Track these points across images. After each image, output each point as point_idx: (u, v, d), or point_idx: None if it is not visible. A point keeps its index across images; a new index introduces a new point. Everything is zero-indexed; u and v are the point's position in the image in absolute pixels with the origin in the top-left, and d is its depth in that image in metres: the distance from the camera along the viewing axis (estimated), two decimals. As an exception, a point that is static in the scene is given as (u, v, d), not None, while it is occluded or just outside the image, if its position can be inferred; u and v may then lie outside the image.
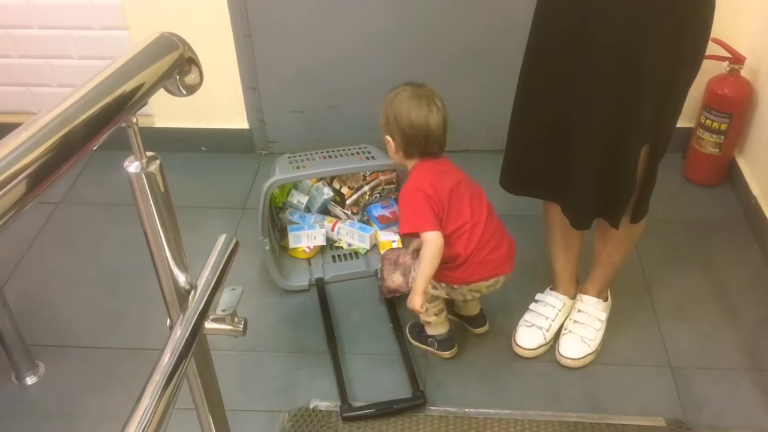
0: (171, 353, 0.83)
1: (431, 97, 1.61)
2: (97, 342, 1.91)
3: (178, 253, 0.85)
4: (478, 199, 1.67)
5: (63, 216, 2.36)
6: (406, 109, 1.60)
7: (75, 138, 0.62)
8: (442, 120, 1.61)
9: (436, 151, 1.66)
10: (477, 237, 1.63)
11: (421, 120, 1.59)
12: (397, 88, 1.66)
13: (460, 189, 1.64)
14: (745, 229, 2.21)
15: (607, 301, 1.87)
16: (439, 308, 1.78)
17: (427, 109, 1.60)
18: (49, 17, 2.37)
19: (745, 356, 1.81)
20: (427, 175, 1.64)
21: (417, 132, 1.60)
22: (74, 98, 0.66)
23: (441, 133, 1.62)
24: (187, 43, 0.85)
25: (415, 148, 1.64)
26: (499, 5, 2.26)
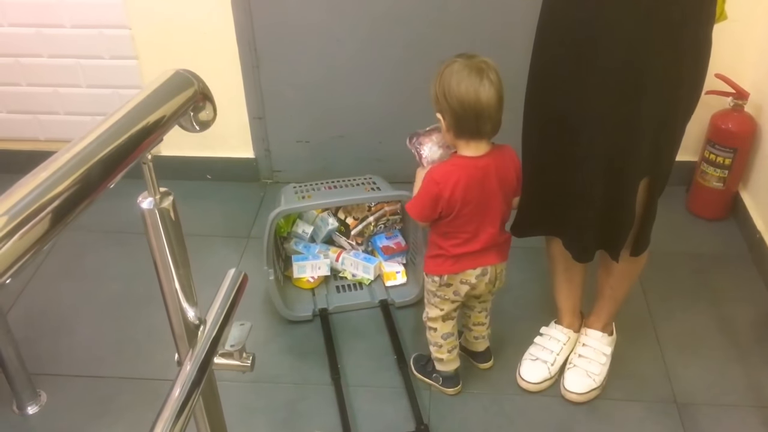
0: (180, 389, 0.82)
1: (484, 69, 1.45)
2: (99, 371, 1.90)
3: (188, 288, 0.86)
4: (503, 202, 1.59)
5: (68, 243, 2.36)
6: (456, 83, 1.45)
7: (93, 177, 0.63)
8: (495, 95, 1.45)
9: (489, 132, 1.50)
10: (475, 241, 1.60)
11: (471, 95, 1.44)
12: (449, 59, 1.49)
13: (489, 204, 1.56)
14: (749, 264, 2.21)
15: (612, 335, 1.86)
16: (453, 345, 1.77)
17: (478, 83, 1.43)
18: (58, 46, 2.39)
19: (751, 392, 1.80)
20: (461, 175, 1.52)
21: (467, 109, 1.45)
22: (92, 137, 0.67)
23: (494, 110, 1.46)
24: (201, 80, 0.86)
25: (465, 128, 1.49)
26: (503, 39, 2.29)
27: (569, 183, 1.55)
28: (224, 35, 2.34)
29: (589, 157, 1.49)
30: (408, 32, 2.31)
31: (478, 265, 1.63)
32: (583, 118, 1.47)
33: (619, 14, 1.36)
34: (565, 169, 1.54)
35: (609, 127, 1.45)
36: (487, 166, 1.54)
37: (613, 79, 1.41)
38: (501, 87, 1.46)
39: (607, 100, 1.43)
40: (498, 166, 1.55)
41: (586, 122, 1.47)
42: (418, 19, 2.28)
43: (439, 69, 1.50)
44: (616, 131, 1.45)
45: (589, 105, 1.45)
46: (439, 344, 1.76)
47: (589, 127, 1.47)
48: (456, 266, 1.63)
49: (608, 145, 1.47)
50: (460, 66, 1.46)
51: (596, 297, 1.83)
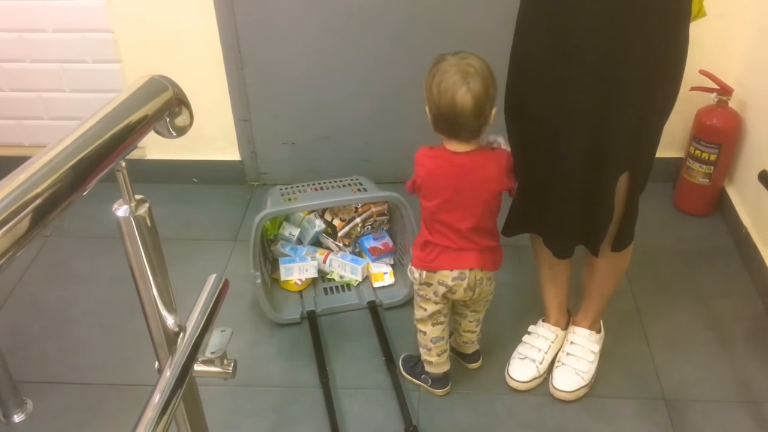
0: (160, 397, 0.82)
1: (468, 74, 1.40)
2: (86, 378, 1.89)
3: (166, 295, 0.85)
4: (477, 206, 1.57)
5: (53, 249, 2.34)
6: (437, 83, 1.42)
7: (64, 186, 0.62)
8: (471, 102, 1.40)
9: (465, 136, 1.48)
10: (449, 233, 1.59)
11: (448, 100, 1.41)
12: (445, 55, 1.46)
13: (454, 197, 1.54)
14: (736, 259, 2.22)
15: (599, 333, 1.87)
16: (443, 349, 1.76)
17: (457, 89, 1.40)
18: (41, 51, 2.38)
19: (738, 387, 1.81)
20: (433, 163, 1.53)
21: (443, 112, 1.44)
22: (63, 145, 0.66)
23: (468, 118, 1.42)
24: (177, 85, 0.85)
25: (441, 127, 1.49)
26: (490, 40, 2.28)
27: (549, 177, 1.55)
28: (208, 38, 2.33)
29: (567, 152, 1.49)
30: (393, 32, 2.31)
31: (455, 267, 1.61)
32: (561, 111, 1.47)
33: (594, 7, 1.36)
34: (544, 164, 1.55)
35: (586, 122, 1.45)
36: (463, 165, 1.52)
37: (590, 72, 1.41)
38: (482, 94, 1.41)
39: (584, 94, 1.43)
40: (476, 167, 1.53)
41: (564, 116, 1.47)
42: (402, 18, 2.28)
43: (433, 62, 1.48)
44: (594, 126, 1.45)
45: (567, 99, 1.45)
46: (428, 347, 1.75)
47: (566, 121, 1.47)
48: (434, 264, 1.62)
49: (586, 138, 1.46)
50: (448, 65, 1.43)
51: (582, 295, 1.84)
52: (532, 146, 1.56)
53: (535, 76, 1.49)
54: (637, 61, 1.38)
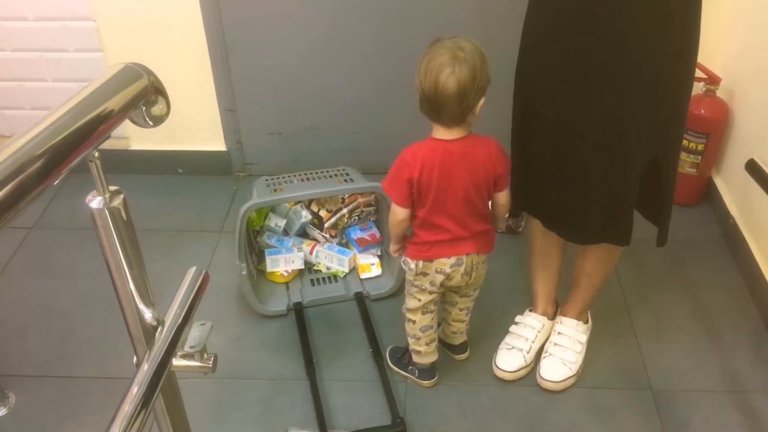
0: (137, 392, 0.80)
1: (457, 58, 1.38)
2: (69, 371, 1.87)
3: (143, 288, 0.83)
4: (471, 191, 1.54)
5: (36, 241, 2.31)
6: (425, 66, 1.40)
7: (31, 176, 0.60)
8: (454, 86, 1.37)
9: (446, 121, 1.45)
10: (445, 229, 1.57)
11: (432, 80, 1.39)
12: (441, 40, 1.44)
13: (456, 190, 1.51)
14: (723, 249, 2.22)
15: (587, 323, 1.86)
16: (431, 338, 1.75)
17: (442, 70, 1.38)
18: (22, 40, 2.34)
19: (726, 377, 1.81)
20: (425, 154, 1.48)
21: (428, 95, 1.41)
22: (32, 134, 0.64)
23: (451, 101, 1.40)
24: (153, 73, 0.82)
25: (426, 111, 1.46)
26: (483, 32, 2.26)
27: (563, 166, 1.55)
28: (192, 26, 2.29)
29: (579, 137, 1.49)
30: (381, 22, 2.28)
31: (453, 254, 1.60)
32: (571, 97, 1.47)
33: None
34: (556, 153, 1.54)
35: (601, 107, 1.45)
36: (455, 151, 1.49)
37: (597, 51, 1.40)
38: (467, 80, 1.38)
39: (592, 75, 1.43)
40: (468, 153, 1.50)
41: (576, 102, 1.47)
42: (390, 8, 2.25)
43: (428, 46, 1.46)
44: (608, 110, 1.44)
45: (577, 83, 1.44)
46: (417, 336, 1.74)
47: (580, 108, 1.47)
48: (430, 253, 1.61)
49: (601, 124, 1.46)
50: (440, 46, 1.41)
51: (572, 284, 1.83)
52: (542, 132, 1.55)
53: (541, 58, 1.49)
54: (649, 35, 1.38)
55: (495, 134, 1.56)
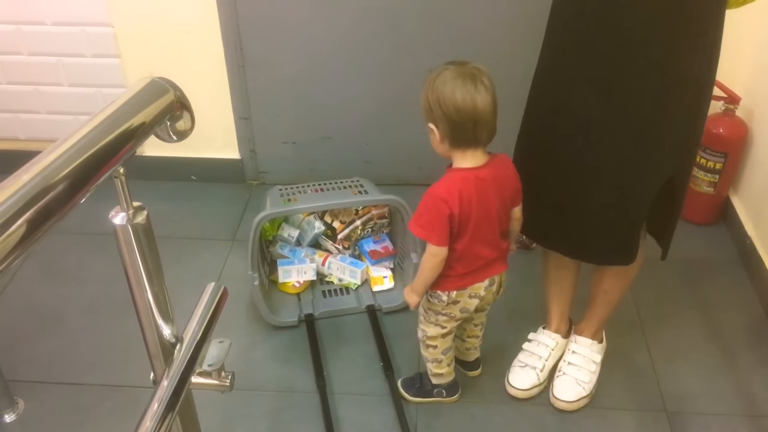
0: (155, 410, 0.79)
1: (477, 75, 1.40)
2: (78, 378, 1.86)
3: (163, 304, 0.82)
4: (502, 212, 1.54)
5: (48, 246, 2.31)
6: (450, 90, 1.39)
7: (59, 195, 0.59)
8: (491, 100, 1.40)
9: (485, 140, 1.44)
10: (478, 256, 1.54)
11: (468, 102, 1.38)
12: (439, 68, 1.44)
13: (488, 211, 1.49)
14: (740, 270, 2.19)
15: (602, 343, 1.84)
16: (452, 358, 1.75)
17: (473, 89, 1.38)
18: (39, 44, 2.34)
19: (741, 401, 1.78)
20: (461, 187, 1.44)
21: (464, 117, 1.39)
22: (59, 151, 0.63)
23: (490, 116, 1.40)
24: (178, 88, 0.82)
25: (462, 137, 1.43)
26: (494, 41, 2.26)
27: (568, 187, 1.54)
28: (209, 34, 2.29)
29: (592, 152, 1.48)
30: (397, 32, 2.28)
31: (487, 276, 1.58)
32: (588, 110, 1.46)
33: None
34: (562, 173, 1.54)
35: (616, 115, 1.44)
36: (488, 178, 1.46)
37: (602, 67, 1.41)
38: (495, 92, 1.41)
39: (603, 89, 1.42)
40: (497, 176, 1.48)
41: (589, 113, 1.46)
42: (407, 18, 2.25)
43: (429, 78, 1.44)
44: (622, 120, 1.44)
45: (592, 97, 1.44)
46: (439, 360, 1.72)
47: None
48: (465, 281, 1.56)
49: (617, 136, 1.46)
50: (453, 73, 1.40)
51: (588, 302, 1.81)
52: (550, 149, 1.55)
53: (556, 71, 1.50)
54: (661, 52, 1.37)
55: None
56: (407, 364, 1.89)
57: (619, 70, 1.40)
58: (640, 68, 1.38)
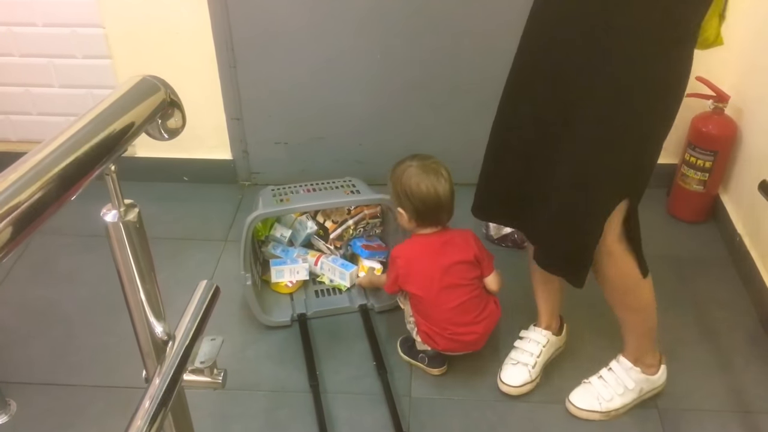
0: (147, 408, 0.79)
1: (437, 168, 1.72)
2: (71, 379, 1.86)
3: (155, 302, 0.82)
4: (464, 275, 1.76)
5: (40, 247, 2.31)
6: (416, 184, 1.71)
7: (50, 192, 0.59)
8: (449, 189, 1.72)
9: (445, 220, 1.77)
10: (444, 318, 1.75)
11: (431, 193, 1.70)
12: (404, 163, 1.76)
13: (442, 271, 1.73)
14: (729, 267, 2.21)
15: (651, 374, 1.75)
16: None
17: (435, 181, 1.70)
18: (30, 45, 2.34)
19: (732, 397, 1.80)
20: (411, 253, 1.77)
21: (429, 205, 1.72)
22: (50, 148, 0.63)
23: (449, 201, 1.73)
24: (169, 86, 0.82)
25: (426, 219, 1.76)
26: (485, 43, 2.27)
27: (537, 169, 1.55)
28: (200, 34, 2.29)
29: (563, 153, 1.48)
30: (388, 32, 2.28)
31: (456, 350, 1.82)
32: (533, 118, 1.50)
33: (559, 16, 1.39)
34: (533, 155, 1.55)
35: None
36: (439, 241, 1.76)
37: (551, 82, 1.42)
38: (452, 181, 1.73)
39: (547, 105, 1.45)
40: (452, 240, 1.77)
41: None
42: (398, 19, 2.26)
43: (396, 171, 1.76)
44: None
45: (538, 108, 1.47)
46: (410, 321, 1.84)
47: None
48: (437, 345, 1.79)
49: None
50: (417, 169, 1.72)
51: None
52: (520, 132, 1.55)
53: (515, 84, 1.52)
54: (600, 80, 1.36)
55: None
56: (400, 363, 1.89)
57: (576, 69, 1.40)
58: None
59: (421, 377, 1.86)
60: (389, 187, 1.80)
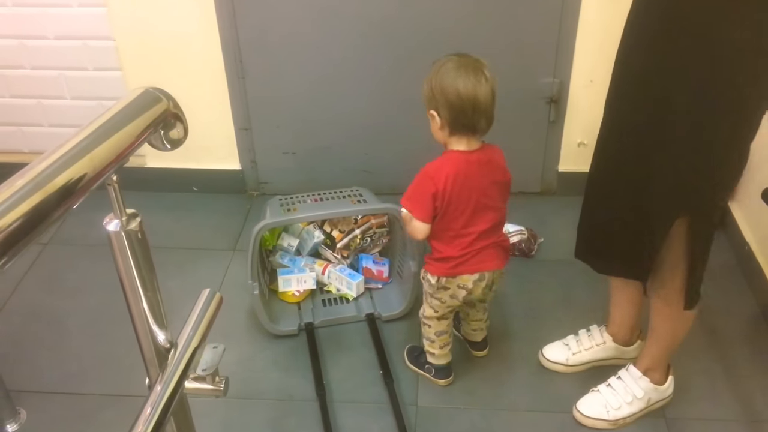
0: (149, 414, 0.80)
1: (479, 66, 1.50)
2: (80, 388, 1.87)
3: (157, 310, 0.83)
4: (497, 199, 1.61)
5: (51, 257, 2.33)
6: (453, 78, 1.48)
7: (51, 200, 0.61)
8: (490, 91, 1.49)
9: (483, 127, 1.53)
10: (470, 240, 1.61)
11: (469, 90, 1.47)
12: (442, 59, 1.53)
13: (479, 197, 1.57)
14: (739, 276, 2.20)
15: (659, 384, 1.74)
16: (446, 342, 1.79)
17: (474, 79, 1.48)
18: (42, 58, 2.37)
19: (739, 406, 1.78)
20: (452, 168, 1.54)
21: (465, 104, 1.48)
22: (52, 158, 0.65)
23: (489, 105, 1.49)
24: (171, 97, 0.83)
25: (461, 123, 1.52)
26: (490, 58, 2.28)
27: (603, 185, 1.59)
28: (209, 46, 2.32)
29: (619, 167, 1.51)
30: (395, 43, 2.30)
31: (476, 270, 1.63)
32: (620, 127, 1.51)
33: (642, 18, 1.38)
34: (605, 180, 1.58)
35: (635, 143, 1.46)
36: (478, 160, 1.56)
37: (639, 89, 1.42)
38: (495, 84, 1.49)
39: (629, 112, 1.46)
40: (489, 160, 1.58)
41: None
42: (405, 30, 2.27)
43: (434, 67, 1.53)
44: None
45: (621, 115, 1.48)
46: (431, 340, 1.79)
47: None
48: (454, 270, 1.63)
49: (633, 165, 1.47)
50: (456, 64, 1.50)
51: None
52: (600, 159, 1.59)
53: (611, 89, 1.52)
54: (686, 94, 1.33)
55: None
56: (406, 372, 1.90)
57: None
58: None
59: (428, 386, 1.86)
60: (423, 87, 1.56)
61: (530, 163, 2.51)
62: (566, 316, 2.03)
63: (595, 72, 2.27)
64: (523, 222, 2.32)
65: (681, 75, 1.32)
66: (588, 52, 2.25)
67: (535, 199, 2.54)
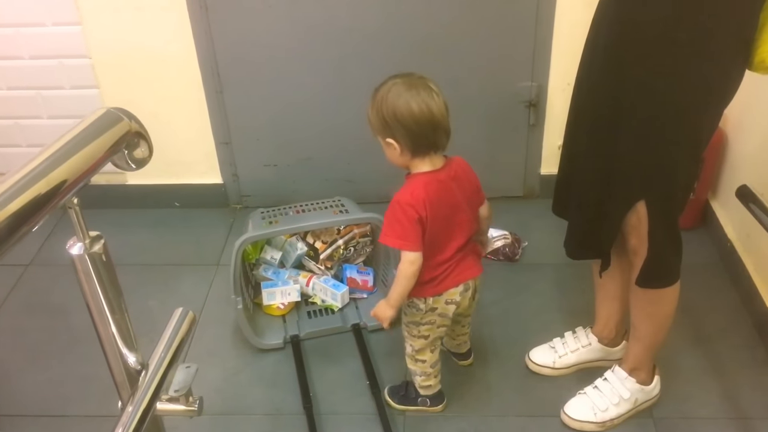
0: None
1: (425, 82, 1.44)
2: (64, 410, 1.85)
3: (126, 332, 0.82)
4: (469, 212, 1.58)
5: (33, 278, 2.31)
6: (405, 100, 1.42)
7: (3, 228, 0.60)
8: (443, 104, 1.44)
9: (444, 143, 1.48)
10: (448, 256, 1.56)
11: (424, 109, 1.41)
12: (385, 84, 1.48)
13: (454, 215, 1.53)
14: (722, 272, 2.20)
15: (645, 385, 1.74)
16: (439, 370, 1.76)
17: (427, 97, 1.42)
18: (18, 78, 2.36)
19: (726, 403, 1.79)
20: (424, 192, 1.47)
21: (423, 124, 1.42)
22: (8, 183, 0.64)
23: (446, 119, 1.44)
24: (134, 117, 0.83)
25: (423, 144, 1.46)
26: (481, 62, 2.28)
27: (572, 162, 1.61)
28: (186, 61, 2.31)
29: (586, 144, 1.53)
30: (373, 53, 2.29)
31: (460, 281, 1.59)
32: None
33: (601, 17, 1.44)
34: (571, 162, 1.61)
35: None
36: (447, 178, 1.51)
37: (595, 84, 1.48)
38: (443, 96, 1.45)
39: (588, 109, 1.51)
40: (456, 176, 1.53)
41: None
42: (384, 41, 2.27)
43: (378, 94, 1.49)
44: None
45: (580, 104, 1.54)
46: (428, 373, 1.74)
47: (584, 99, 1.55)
48: (439, 287, 1.59)
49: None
50: (404, 85, 1.44)
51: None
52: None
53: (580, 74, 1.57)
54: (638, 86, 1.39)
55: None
56: (394, 382, 1.88)
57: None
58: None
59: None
60: (371, 117, 1.52)
61: (512, 168, 2.51)
62: (552, 320, 2.03)
63: (573, 75, 2.23)
64: (506, 226, 2.32)
65: (629, 80, 1.40)
66: (565, 55, 2.26)
67: (518, 203, 2.55)
